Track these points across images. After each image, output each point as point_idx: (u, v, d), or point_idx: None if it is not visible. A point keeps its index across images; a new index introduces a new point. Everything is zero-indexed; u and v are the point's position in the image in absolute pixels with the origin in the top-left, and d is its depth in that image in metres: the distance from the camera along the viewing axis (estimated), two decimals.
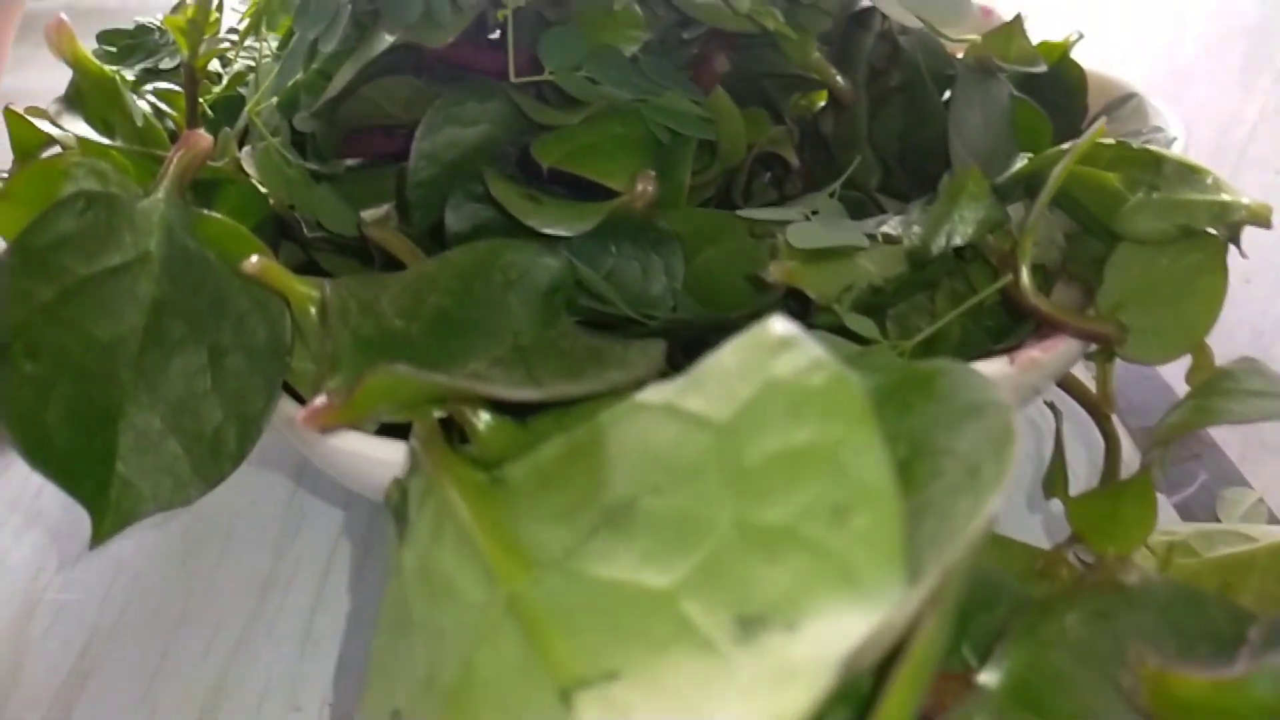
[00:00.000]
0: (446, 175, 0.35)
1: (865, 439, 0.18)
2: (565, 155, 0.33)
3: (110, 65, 0.47)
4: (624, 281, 0.35)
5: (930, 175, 0.43)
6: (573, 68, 0.32)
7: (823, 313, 0.32)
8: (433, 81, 0.35)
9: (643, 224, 0.34)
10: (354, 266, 0.35)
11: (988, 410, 0.21)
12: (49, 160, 0.30)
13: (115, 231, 0.29)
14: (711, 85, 0.36)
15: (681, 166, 0.34)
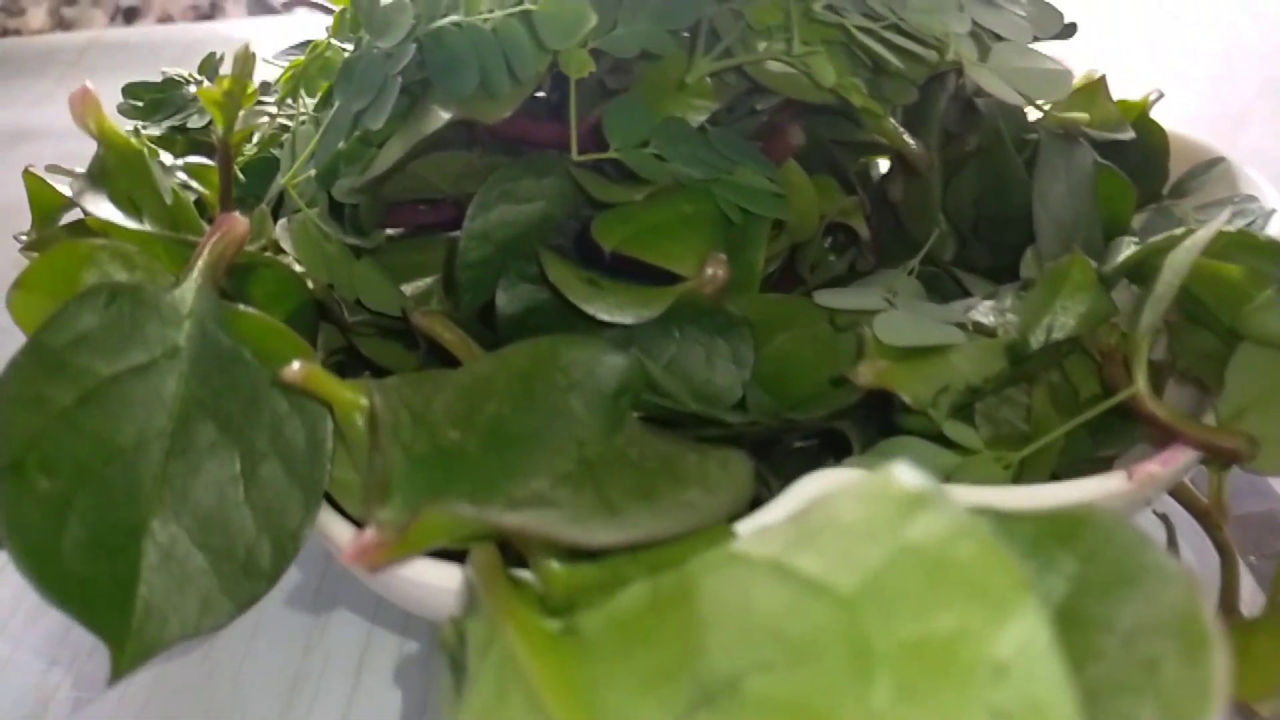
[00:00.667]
0: (499, 255, 0.32)
1: (1032, 633, 0.15)
2: (628, 237, 0.30)
3: (136, 120, 0.44)
4: (687, 370, 0.32)
5: (1006, 245, 0.40)
6: (639, 144, 0.30)
7: (909, 413, 0.29)
8: (485, 153, 0.33)
9: (709, 308, 0.31)
10: (397, 351, 0.33)
11: (1150, 576, 0.18)
12: (71, 245, 0.27)
13: (141, 326, 0.26)
14: (784, 158, 0.33)
15: (754, 248, 0.31)
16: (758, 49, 0.31)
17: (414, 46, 0.29)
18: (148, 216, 0.29)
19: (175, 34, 1.20)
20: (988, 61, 0.30)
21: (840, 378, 0.31)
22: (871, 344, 0.28)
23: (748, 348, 0.32)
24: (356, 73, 0.31)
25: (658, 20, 0.28)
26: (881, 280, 0.35)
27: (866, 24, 0.29)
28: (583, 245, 0.33)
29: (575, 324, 0.32)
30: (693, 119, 0.32)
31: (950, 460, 0.28)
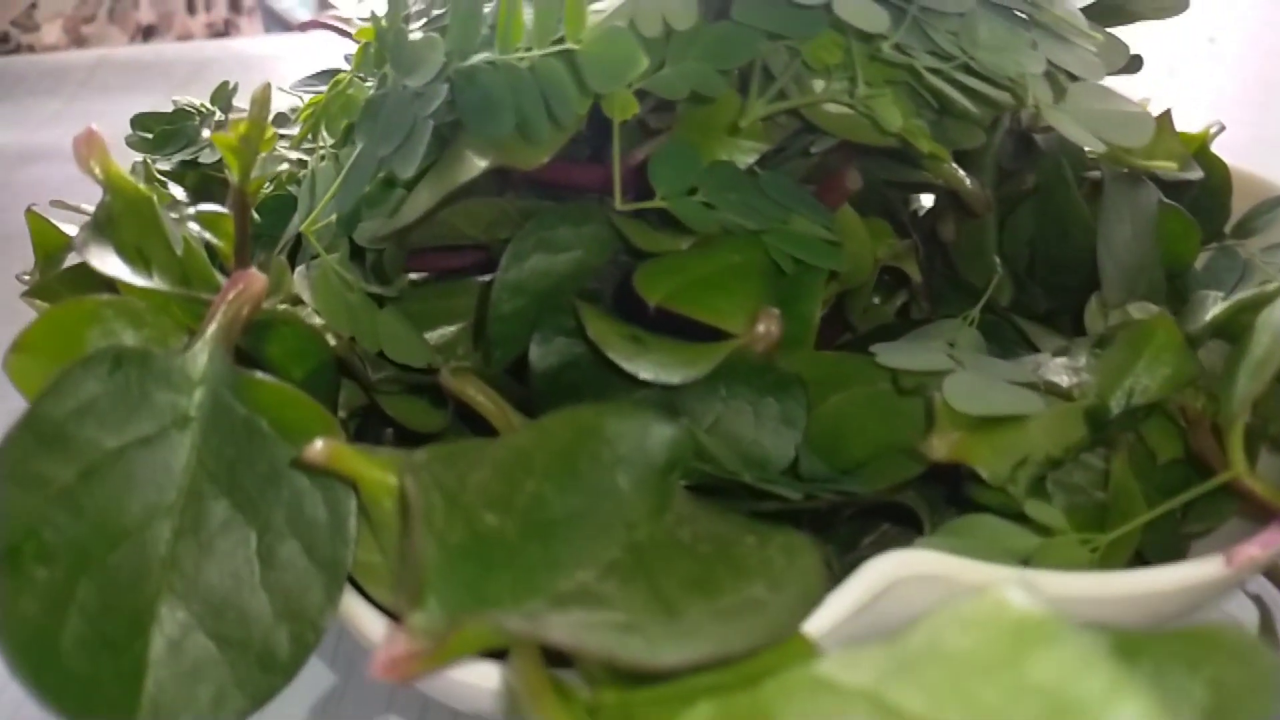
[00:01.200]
0: (533, 307, 0.30)
1: None
2: (674, 291, 0.28)
3: (145, 153, 0.42)
4: (734, 432, 0.30)
5: (1063, 288, 0.38)
6: (686, 191, 0.28)
7: (980, 483, 0.27)
8: (519, 198, 0.31)
9: (759, 365, 0.29)
10: (423, 409, 0.30)
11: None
12: (73, 303, 0.25)
13: (148, 394, 0.24)
14: (839, 203, 0.31)
15: (808, 301, 0.29)
16: (813, 88, 0.29)
17: (446, 87, 0.26)
18: (157, 269, 0.27)
19: (187, 52, 1.18)
20: (1064, 104, 0.28)
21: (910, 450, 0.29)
22: (942, 412, 0.26)
23: (800, 408, 0.29)
24: (382, 112, 0.29)
25: (709, 59, 0.26)
26: (939, 331, 0.32)
27: (936, 64, 0.26)
28: (623, 296, 0.31)
29: (613, 380, 0.30)
30: (741, 161, 0.30)
31: (1029, 542, 0.25)
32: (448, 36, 0.27)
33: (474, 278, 0.35)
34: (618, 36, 0.24)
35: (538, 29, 0.26)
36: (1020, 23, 0.29)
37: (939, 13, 0.28)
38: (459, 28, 0.27)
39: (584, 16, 0.25)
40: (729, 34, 0.27)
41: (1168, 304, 0.35)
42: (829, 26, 0.27)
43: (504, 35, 0.27)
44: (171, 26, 1.23)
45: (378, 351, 0.31)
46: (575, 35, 0.25)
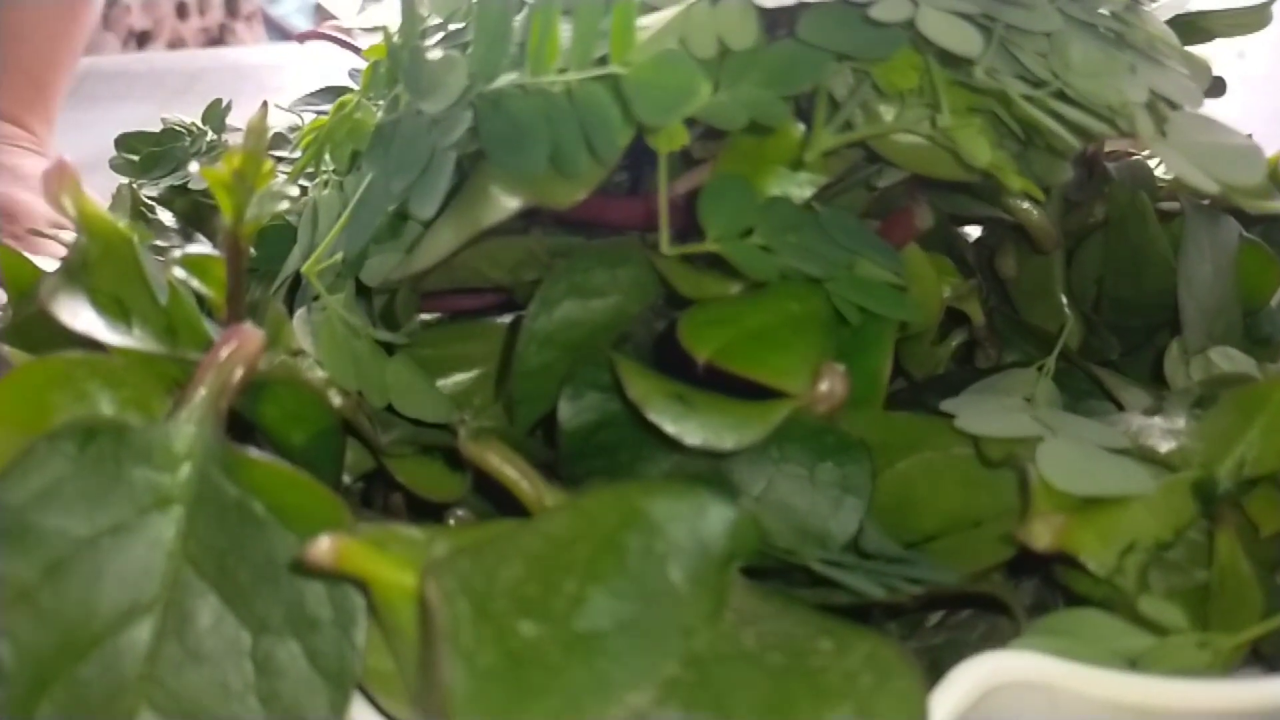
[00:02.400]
0: (563, 360, 0.26)
1: None
2: (725, 346, 0.25)
3: (131, 177, 0.39)
4: (787, 500, 0.26)
5: (1131, 328, 0.35)
6: (741, 233, 0.24)
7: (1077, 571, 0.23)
8: (547, 235, 0.27)
9: (818, 426, 0.26)
10: (438, 473, 0.27)
11: None
12: (40, 364, 0.22)
13: (125, 473, 0.21)
14: (905, 242, 0.27)
15: (876, 355, 0.26)
16: (881, 115, 0.25)
17: (469, 113, 0.23)
18: (138, 321, 0.23)
19: (179, 62, 1.15)
20: (1169, 137, 0.25)
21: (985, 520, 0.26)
22: (1041, 492, 0.22)
23: (864, 475, 0.26)
24: (395, 140, 0.25)
25: (770, 84, 0.23)
26: (1012, 384, 0.29)
27: (1029, 90, 0.23)
28: (664, 346, 0.27)
29: (650, 441, 0.27)
30: (797, 196, 0.26)
31: (1140, 642, 0.22)
32: (471, 56, 0.24)
33: (492, 319, 0.31)
34: (673, 61, 0.21)
35: (576, 49, 0.23)
36: (1111, 42, 0.26)
37: (1026, 31, 0.25)
38: (484, 46, 0.24)
39: (632, 35, 0.22)
40: (793, 55, 0.23)
41: (1245, 346, 0.32)
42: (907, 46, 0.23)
43: (536, 55, 0.23)
44: (163, 32, 1.20)
45: (386, 405, 0.28)
46: (622, 57, 0.22)
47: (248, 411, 0.24)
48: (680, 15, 0.23)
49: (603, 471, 0.28)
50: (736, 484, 0.27)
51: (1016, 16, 0.25)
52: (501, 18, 0.23)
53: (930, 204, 0.29)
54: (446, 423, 0.29)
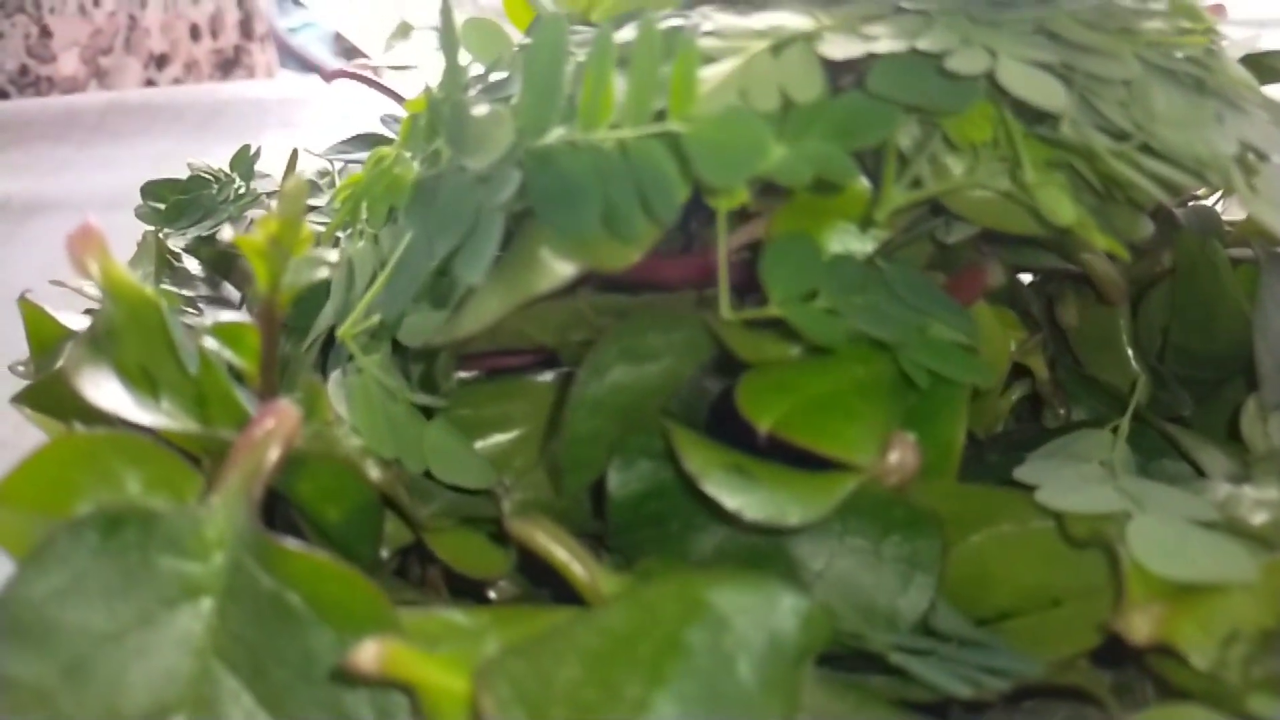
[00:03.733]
0: (612, 426, 0.25)
1: None
2: (788, 415, 0.23)
3: (157, 225, 0.38)
4: (850, 577, 0.25)
5: (1201, 382, 0.33)
6: (805, 296, 0.23)
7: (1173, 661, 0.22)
8: (596, 294, 0.26)
9: (885, 498, 0.24)
10: (480, 548, 0.26)
11: None
12: (63, 443, 0.20)
13: (152, 562, 0.19)
14: (973, 300, 0.26)
15: (949, 423, 0.24)
16: (949, 168, 0.24)
17: (518, 173, 0.22)
18: (166, 393, 0.22)
19: (200, 95, 1.14)
20: (1257, 189, 0.23)
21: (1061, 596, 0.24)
22: (1134, 578, 0.21)
23: (935, 550, 0.24)
24: (437, 197, 0.24)
25: (836, 138, 0.21)
26: (1084, 447, 0.27)
27: (1114, 144, 0.22)
28: (720, 412, 0.26)
29: (701, 511, 0.25)
30: (860, 252, 0.25)
31: None
32: (518, 111, 0.23)
33: (531, 376, 0.30)
34: (739, 118, 0.20)
35: (632, 104, 0.21)
36: (1192, 89, 0.25)
37: (1104, 80, 0.23)
38: (532, 99, 0.22)
39: (695, 90, 0.20)
40: (861, 108, 0.22)
41: None
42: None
43: (589, 110, 0.22)
44: (179, 54, 1.20)
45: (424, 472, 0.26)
46: (682, 113, 0.20)
47: (280, 486, 0.23)
48: (741, 67, 0.22)
49: (651, 542, 0.26)
50: (795, 559, 0.25)
51: (1095, 64, 0.23)
52: (551, 70, 0.22)
53: (999, 258, 0.27)
54: (487, 489, 0.27)
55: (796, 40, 0.22)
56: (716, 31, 0.23)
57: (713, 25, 0.24)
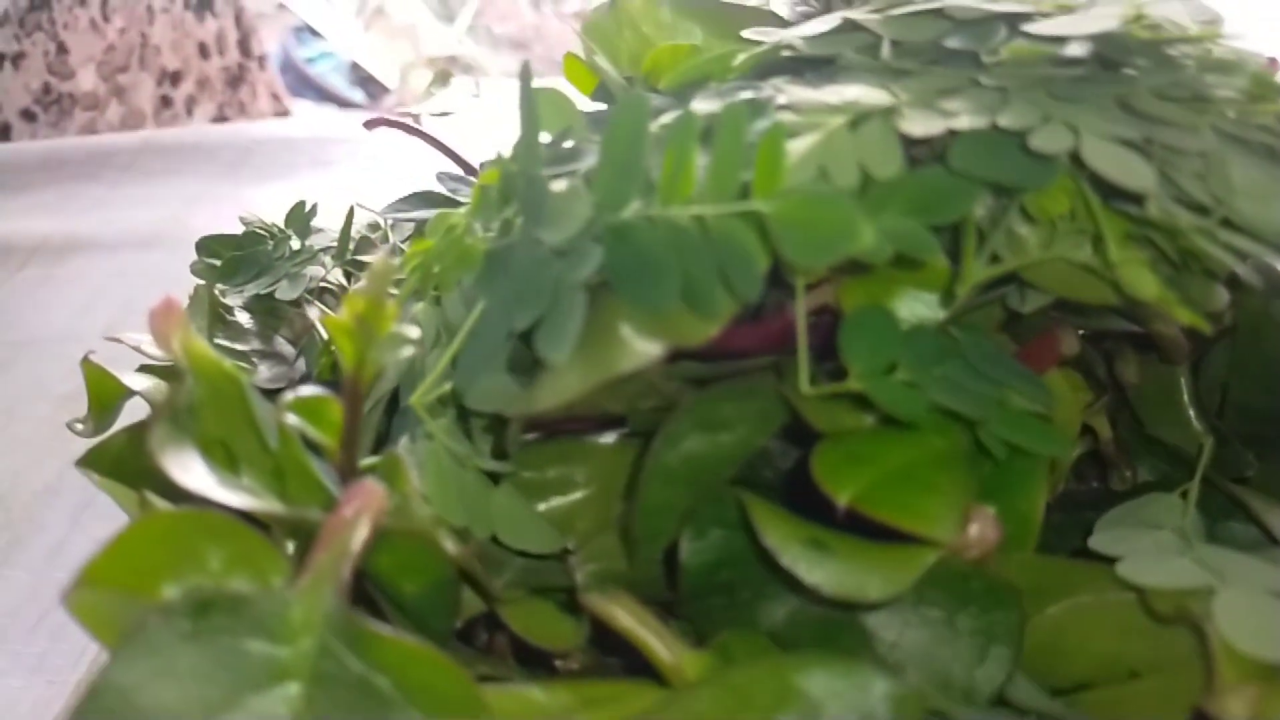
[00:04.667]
0: (685, 495, 0.25)
1: None
2: (867, 488, 0.23)
3: (212, 281, 0.38)
4: (926, 649, 0.24)
5: (1263, 440, 0.33)
6: (886, 368, 0.23)
7: None
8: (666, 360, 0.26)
9: (962, 571, 0.24)
10: (551, 619, 0.25)
11: None
12: (149, 523, 0.20)
13: (240, 646, 0.19)
14: (1047, 369, 0.26)
15: (1028, 495, 0.24)
16: (1023, 238, 0.24)
17: (599, 248, 0.22)
18: (247, 469, 0.22)
19: (230, 135, 1.15)
20: None
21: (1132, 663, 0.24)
22: (1225, 658, 0.21)
23: (1013, 622, 0.24)
24: (510, 269, 0.24)
25: (917, 213, 0.21)
26: (1154, 513, 0.27)
27: (1200, 221, 0.21)
28: (794, 481, 0.26)
29: (773, 580, 0.25)
30: (931, 320, 0.25)
31: None
32: (595, 185, 0.23)
33: (593, 438, 0.30)
34: (828, 200, 0.20)
35: (714, 181, 0.21)
36: (1266, 157, 0.25)
37: (1182, 152, 0.23)
38: (611, 176, 0.22)
39: (782, 170, 0.20)
40: (940, 184, 0.22)
41: None
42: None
43: (668, 187, 0.22)
44: (191, 71, 1.21)
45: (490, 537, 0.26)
46: (767, 192, 0.20)
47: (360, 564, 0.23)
48: (820, 143, 0.22)
49: (721, 611, 0.26)
50: (868, 630, 0.25)
51: (1171, 136, 0.23)
52: (632, 148, 0.22)
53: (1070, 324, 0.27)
54: (552, 554, 0.27)
55: (874, 115, 0.22)
56: (792, 105, 0.23)
57: (787, 99, 0.24)
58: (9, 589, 0.45)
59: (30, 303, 0.73)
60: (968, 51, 0.24)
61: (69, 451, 0.57)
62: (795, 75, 0.26)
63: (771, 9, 0.33)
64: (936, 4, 0.25)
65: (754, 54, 0.27)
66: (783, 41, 0.27)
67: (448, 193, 0.36)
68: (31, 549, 0.48)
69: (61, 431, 0.58)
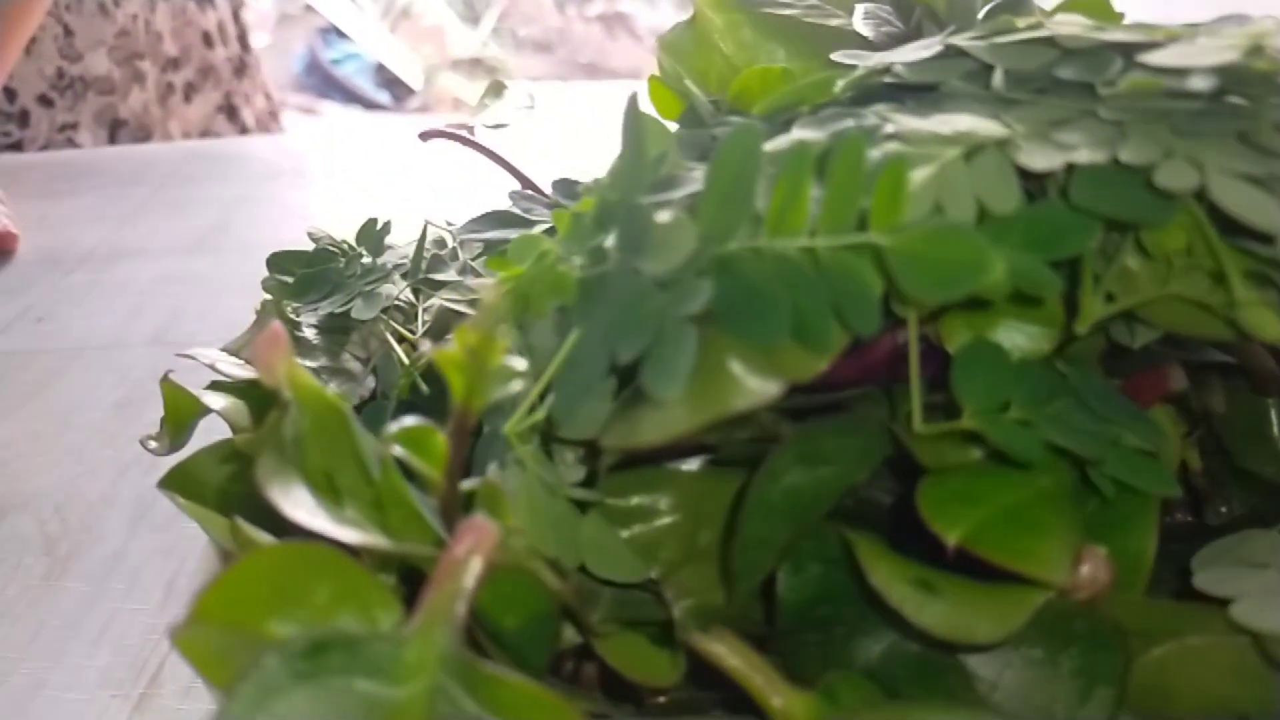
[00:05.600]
0: (785, 529, 0.24)
1: None
2: (977, 528, 0.22)
3: (283, 298, 0.38)
4: (1025, 689, 0.24)
5: None
6: (1000, 407, 0.22)
7: None
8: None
9: (1067, 610, 0.24)
10: (646, 652, 0.25)
11: None
12: (257, 559, 0.20)
13: (355, 688, 0.19)
14: (1153, 404, 0.25)
15: (1139, 535, 0.24)
16: (1134, 272, 0.23)
17: (708, 282, 0.21)
18: (350, 501, 0.22)
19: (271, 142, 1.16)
20: None
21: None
22: None
23: (1117, 664, 0.24)
24: (607, 298, 0.24)
25: (1035, 248, 0.21)
26: (1250, 550, 0.27)
27: None
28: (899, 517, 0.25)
29: (869, 616, 0.25)
30: (1036, 353, 0.24)
31: None
32: (700, 215, 0.22)
33: (676, 465, 0.30)
34: (955, 235, 0.19)
35: (829, 214, 0.21)
36: None
37: None
38: (717, 205, 0.22)
39: (902, 204, 0.20)
40: (1058, 218, 0.21)
41: None
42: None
43: (778, 218, 0.22)
44: (192, 59, 1.22)
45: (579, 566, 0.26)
46: (886, 225, 0.20)
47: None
48: (935, 175, 0.21)
49: (815, 646, 0.26)
50: (969, 669, 0.25)
51: None
52: (741, 179, 0.22)
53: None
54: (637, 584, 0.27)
55: (989, 147, 0.22)
56: (900, 135, 0.23)
57: (895, 128, 0.23)
58: (69, 601, 0.45)
59: (79, 310, 0.73)
60: (1079, 82, 0.24)
61: (122, 461, 0.57)
62: (893, 101, 0.26)
63: (855, 29, 0.33)
64: (1044, 32, 0.24)
65: (852, 79, 0.26)
66: (879, 66, 0.27)
67: (520, 212, 0.36)
68: (89, 560, 0.48)
69: (114, 440, 0.58)
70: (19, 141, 1.10)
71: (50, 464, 0.55)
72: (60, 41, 1.11)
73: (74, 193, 0.95)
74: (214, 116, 1.24)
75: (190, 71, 1.22)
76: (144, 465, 0.55)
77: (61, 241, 0.85)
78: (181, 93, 1.20)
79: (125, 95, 1.14)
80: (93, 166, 1.01)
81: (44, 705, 0.40)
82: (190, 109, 1.21)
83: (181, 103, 1.20)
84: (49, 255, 0.83)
